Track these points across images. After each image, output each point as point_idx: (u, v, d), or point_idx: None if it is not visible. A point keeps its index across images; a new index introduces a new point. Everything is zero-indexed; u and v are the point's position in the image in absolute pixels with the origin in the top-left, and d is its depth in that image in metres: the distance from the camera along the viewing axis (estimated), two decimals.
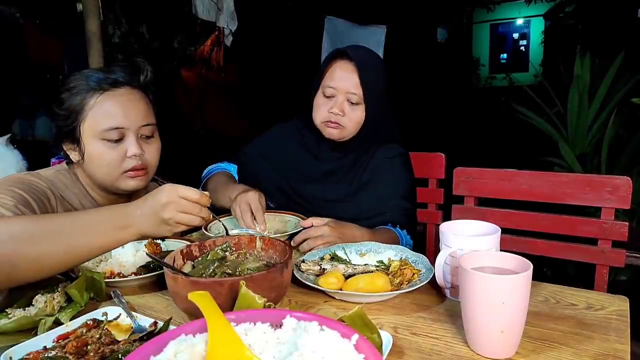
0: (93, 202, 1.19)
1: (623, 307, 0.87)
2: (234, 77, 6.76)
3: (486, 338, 0.73)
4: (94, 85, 1.09)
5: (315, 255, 1.09)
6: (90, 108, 1.09)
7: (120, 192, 1.17)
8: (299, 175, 1.52)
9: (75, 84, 1.11)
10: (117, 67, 1.15)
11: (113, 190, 1.17)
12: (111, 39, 4.70)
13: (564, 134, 3.30)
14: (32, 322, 0.83)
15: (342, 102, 1.37)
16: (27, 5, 4.24)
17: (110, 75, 1.11)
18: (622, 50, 3.14)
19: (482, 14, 11.65)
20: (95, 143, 1.10)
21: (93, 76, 1.11)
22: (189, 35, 5.38)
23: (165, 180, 1.44)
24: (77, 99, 1.09)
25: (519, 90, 4.10)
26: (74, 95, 1.10)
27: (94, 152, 1.10)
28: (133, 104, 1.12)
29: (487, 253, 0.80)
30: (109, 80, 1.11)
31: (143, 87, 1.17)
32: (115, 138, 1.10)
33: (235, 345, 0.53)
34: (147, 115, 1.15)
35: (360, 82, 1.34)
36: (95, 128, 1.09)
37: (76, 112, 1.09)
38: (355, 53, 1.36)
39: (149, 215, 0.89)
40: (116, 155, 1.11)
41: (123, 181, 1.14)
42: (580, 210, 1.73)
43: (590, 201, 1.35)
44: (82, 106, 1.09)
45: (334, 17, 5.74)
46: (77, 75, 1.12)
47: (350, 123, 1.38)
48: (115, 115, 1.09)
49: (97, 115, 1.09)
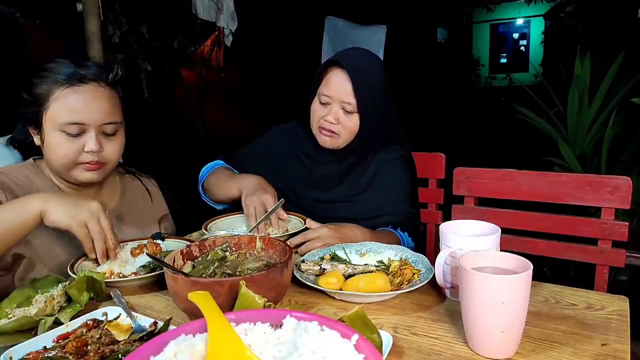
0: (59, 192, 1.20)
1: (623, 307, 0.87)
2: (234, 77, 6.77)
3: (486, 338, 0.73)
4: (61, 78, 1.10)
5: (315, 255, 1.09)
6: (54, 100, 1.10)
7: (76, 182, 1.18)
8: (298, 178, 1.52)
9: (45, 73, 1.12)
10: (90, 63, 1.16)
11: (70, 180, 1.18)
12: (111, 39, 4.70)
13: (564, 134, 3.30)
14: (32, 322, 0.83)
15: (336, 110, 1.36)
16: (27, 5, 4.24)
17: (80, 70, 1.12)
18: (622, 50, 3.14)
19: (482, 14, 11.66)
20: (55, 134, 1.11)
21: (64, 69, 1.12)
22: (189, 35, 5.38)
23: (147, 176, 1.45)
24: (43, 87, 1.11)
25: (519, 91, 4.10)
26: (42, 83, 1.11)
27: (52, 141, 1.12)
28: (97, 101, 1.13)
29: (487, 253, 0.80)
30: (78, 75, 1.12)
31: (112, 85, 1.18)
32: (74, 132, 1.11)
33: (235, 345, 0.53)
34: (111, 113, 1.15)
35: (354, 91, 1.33)
36: (56, 120, 1.10)
37: (41, 100, 1.11)
38: (349, 61, 1.34)
39: (66, 202, 1.01)
40: (73, 149, 1.12)
41: (78, 172, 1.15)
42: (580, 210, 1.73)
43: (590, 201, 1.35)
44: (46, 96, 1.10)
45: (334, 17, 5.74)
46: (52, 63, 1.13)
47: (344, 131, 1.38)
48: (77, 110, 1.10)
49: (59, 108, 1.10)
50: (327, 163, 1.48)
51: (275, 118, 1.84)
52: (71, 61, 1.13)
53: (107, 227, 1.04)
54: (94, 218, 1.02)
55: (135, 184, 1.42)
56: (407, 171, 1.48)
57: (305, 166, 1.52)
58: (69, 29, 3.98)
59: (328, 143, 1.41)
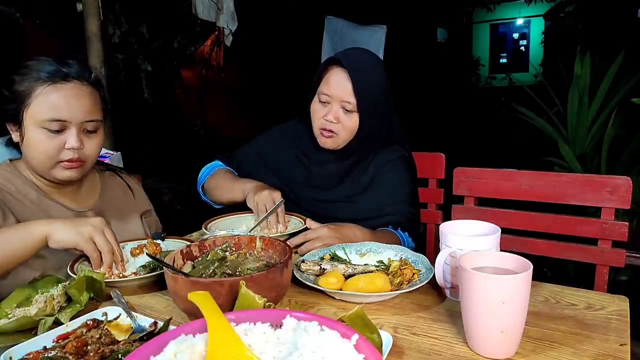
0: (39, 191, 1.20)
1: (623, 307, 0.87)
2: (234, 77, 6.76)
3: (486, 338, 0.73)
4: (44, 75, 1.10)
5: (315, 255, 1.09)
6: (36, 97, 1.10)
7: (56, 180, 1.18)
8: (297, 178, 1.52)
9: (27, 70, 1.12)
10: (72, 61, 1.16)
11: (49, 178, 1.18)
12: (111, 39, 4.70)
13: (564, 134, 3.30)
14: (32, 322, 0.83)
15: (336, 109, 1.37)
16: (27, 5, 4.24)
17: (63, 68, 1.12)
18: (622, 50, 3.14)
19: (482, 14, 11.65)
20: (36, 130, 1.11)
21: (46, 66, 1.12)
22: (189, 35, 5.38)
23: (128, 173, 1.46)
24: (24, 85, 1.11)
25: (519, 90, 4.10)
26: (23, 80, 1.11)
27: (32, 139, 1.12)
28: (79, 99, 1.13)
29: (487, 253, 0.80)
30: (61, 73, 1.12)
31: (94, 84, 1.18)
32: (55, 129, 1.11)
33: (235, 345, 0.53)
34: (92, 111, 1.16)
35: (354, 90, 1.33)
36: (37, 117, 1.10)
37: (22, 97, 1.11)
38: (350, 60, 1.35)
39: (69, 222, 1.03)
40: (54, 145, 1.12)
41: (57, 171, 1.15)
42: (581, 210, 1.73)
43: (590, 201, 1.35)
44: (28, 93, 1.10)
45: (334, 17, 5.74)
46: (33, 62, 1.13)
47: (344, 131, 1.38)
48: (59, 107, 1.10)
49: (41, 105, 1.10)
50: (327, 163, 1.48)
51: (275, 118, 1.84)
52: (54, 59, 1.13)
53: (112, 240, 1.05)
54: (99, 232, 1.03)
55: (116, 181, 1.41)
56: (408, 171, 1.48)
57: (305, 166, 1.52)
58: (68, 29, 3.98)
59: (329, 144, 1.41)
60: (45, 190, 1.21)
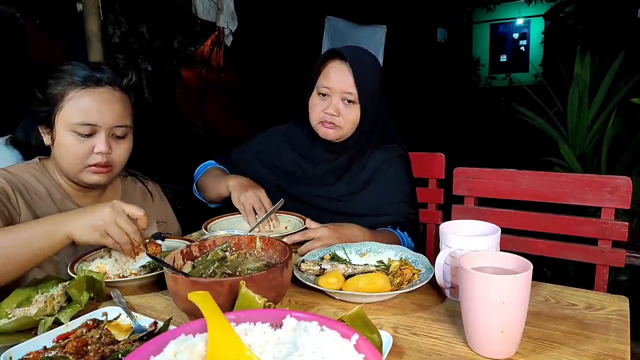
0: (63, 193, 1.22)
1: (623, 307, 0.87)
2: (234, 77, 6.77)
3: (486, 338, 0.73)
4: (77, 80, 1.13)
5: (315, 255, 1.09)
6: (68, 100, 1.12)
7: (83, 184, 1.20)
8: (295, 176, 1.52)
9: (61, 74, 1.14)
10: (105, 67, 1.18)
11: (76, 182, 1.20)
12: (111, 39, 4.70)
13: (564, 134, 3.30)
14: (32, 322, 0.83)
15: (337, 102, 1.37)
16: (27, 5, 4.24)
17: (96, 73, 1.15)
18: (622, 50, 3.14)
19: (482, 14, 11.66)
20: (66, 134, 1.13)
21: (79, 71, 1.14)
22: (189, 35, 5.38)
23: (149, 178, 1.47)
24: (58, 88, 1.13)
25: (519, 90, 4.10)
26: (57, 84, 1.13)
27: (63, 142, 1.13)
28: (110, 104, 1.15)
29: (487, 253, 0.80)
30: (94, 78, 1.14)
31: (125, 90, 1.21)
32: (86, 133, 1.13)
33: (235, 345, 0.53)
34: (122, 116, 1.18)
35: (355, 82, 1.33)
36: (68, 120, 1.12)
37: (55, 100, 1.13)
38: (350, 53, 1.36)
39: (83, 218, 0.98)
40: (83, 149, 1.13)
41: (86, 174, 1.16)
42: (581, 210, 1.73)
43: (590, 201, 1.35)
44: (61, 96, 1.12)
45: (334, 17, 5.74)
46: (67, 65, 1.15)
47: (346, 123, 1.38)
48: (90, 111, 1.12)
49: (72, 108, 1.12)
50: (324, 161, 1.48)
51: (275, 118, 1.84)
52: (87, 64, 1.16)
53: (128, 228, 1.02)
54: (112, 224, 1.00)
55: (137, 186, 1.43)
56: (406, 170, 1.48)
57: (302, 164, 1.52)
58: (68, 29, 3.98)
59: (330, 134, 1.40)
60: (69, 192, 1.23)
